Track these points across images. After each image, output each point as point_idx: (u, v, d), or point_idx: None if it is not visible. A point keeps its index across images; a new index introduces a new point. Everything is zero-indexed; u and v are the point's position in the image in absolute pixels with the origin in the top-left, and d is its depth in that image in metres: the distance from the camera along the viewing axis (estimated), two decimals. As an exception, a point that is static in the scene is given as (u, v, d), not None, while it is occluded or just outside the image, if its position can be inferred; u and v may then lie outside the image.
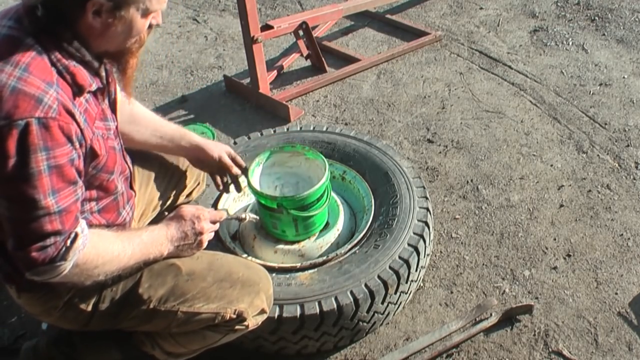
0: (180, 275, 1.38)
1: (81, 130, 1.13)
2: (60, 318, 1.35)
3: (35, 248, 1.07)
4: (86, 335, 1.53)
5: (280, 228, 1.82)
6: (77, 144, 1.11)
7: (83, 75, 1.16)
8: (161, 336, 1.48)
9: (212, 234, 1.44)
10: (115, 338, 1.52)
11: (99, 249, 1.19)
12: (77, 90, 1.15)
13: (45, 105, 1.04)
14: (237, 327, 1.44)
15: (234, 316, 1.41)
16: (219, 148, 1.75)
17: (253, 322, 1.46)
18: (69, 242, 1.10)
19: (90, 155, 1.20)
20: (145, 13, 1.16)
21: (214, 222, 1.44)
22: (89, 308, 1.33)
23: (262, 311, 1.48)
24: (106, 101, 1.29)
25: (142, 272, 1.36)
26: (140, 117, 1.61)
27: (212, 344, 1.50)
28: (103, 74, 1.24)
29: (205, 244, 1.42)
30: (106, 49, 1.20)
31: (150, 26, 1.22)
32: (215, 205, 1.93)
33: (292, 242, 1.85)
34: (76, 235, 1.12)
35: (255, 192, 1.76)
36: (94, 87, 1.20)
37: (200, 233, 1.39)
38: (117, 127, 1.35)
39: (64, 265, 1.11)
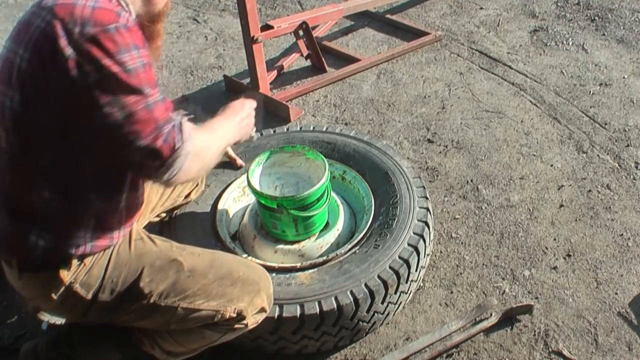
0: (181, 271, 1.38)
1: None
2: (59, 305, 1.33)
3: (160, 139, 1.14)
4: (85, 336, 1.52)
5: (280, 228, 1.82)
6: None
7: None
8: (160, 335, 1.48)
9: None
10: (115, 338, 1.52)
11: (199, 132, 1.27)
12: None
13: (124, 17, 1.12)
14: (236, 326, 1.44)
15: (234, 315, 1.41)
16: None
17: (252, 320, 1.46)
18: (177, 125, 1.18)
19: None
20: None
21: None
22: (89, 296, 1.31)
23: (262, 310, 1.48)
24: None
25: (143, 267, 1.36)
26: None
27: (211, 343, 1.50)
28: None
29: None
30: (144, 12, 1.28)
31: None
32: (215, 204, 1.93)
33: (292, 242, 1.85)
34: (179, 120, 1.20)
35: (255, 192, 1.76)
36: None
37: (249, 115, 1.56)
38: None
39: (187, 147, 1.18)
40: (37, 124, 1.14)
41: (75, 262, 1.29)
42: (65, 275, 1.28)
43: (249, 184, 1.78)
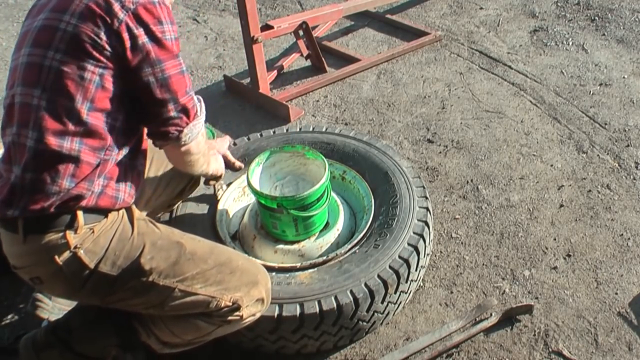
0: (183, 253, 1.39)
1: None
2: (58, 272, 1.30)
3: (191, 101, 1.35)
4: (84, 320, 1.52)
5: (280, 228, 1.82)
6: None
7: None
8: (156, 325, 1.49)
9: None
10: (113, 324, 1.51)
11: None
12: None
13: None
14: (230, 317, 1.45)
15: (230, 303, 1.42)
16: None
17: (247, 312, 1.47)
18: (199, 97, 1.41)
19: None
20: None
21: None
22: (92, 265, 1.30)
23: (259, 302, 1.49)
24: None
25: (144, 244, 1.36)
26: None
27: (206, 335, 1.50)
28: None
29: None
30: None
31: None
32: (215, 206, 1.93)
33: (292, 242, 1.85)
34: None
35: (255, 192, 1.76)
36: None
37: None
38: None
39: (203, 118, 1.42)
40: (80, 80, 1.22)
41: (84, 228, 1.29)
42: (72, 239, 1.28)
43: (249, 184, 1.78)
